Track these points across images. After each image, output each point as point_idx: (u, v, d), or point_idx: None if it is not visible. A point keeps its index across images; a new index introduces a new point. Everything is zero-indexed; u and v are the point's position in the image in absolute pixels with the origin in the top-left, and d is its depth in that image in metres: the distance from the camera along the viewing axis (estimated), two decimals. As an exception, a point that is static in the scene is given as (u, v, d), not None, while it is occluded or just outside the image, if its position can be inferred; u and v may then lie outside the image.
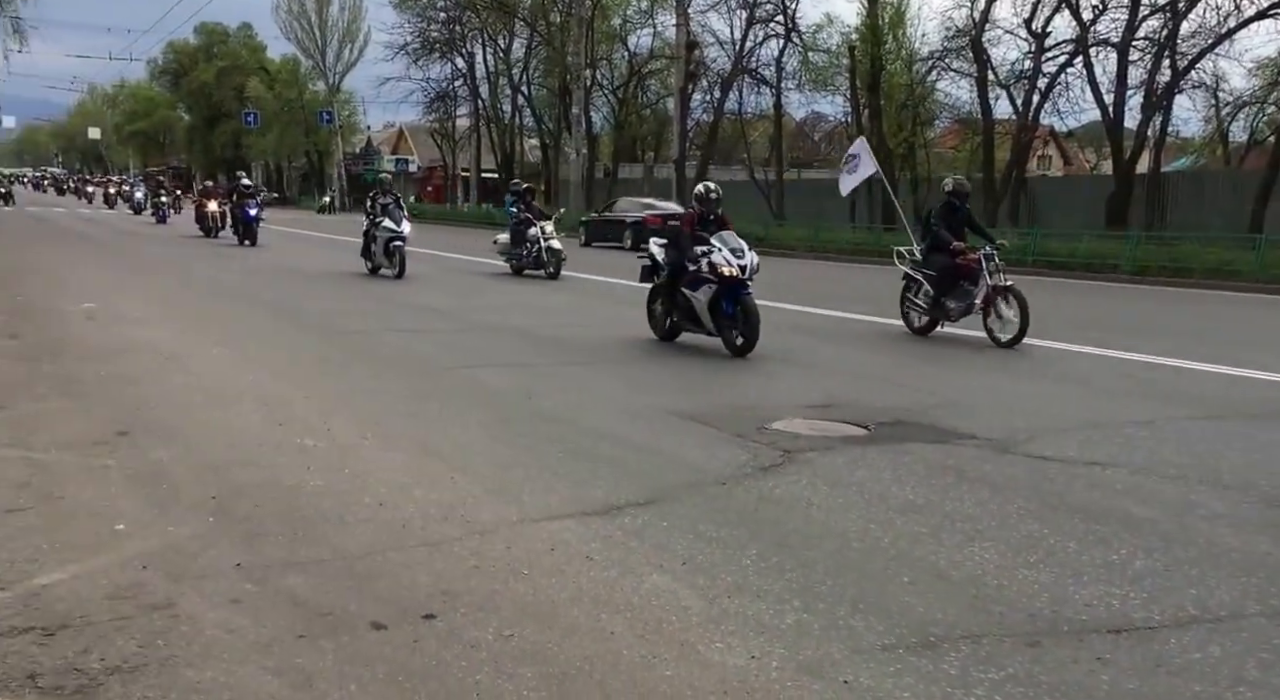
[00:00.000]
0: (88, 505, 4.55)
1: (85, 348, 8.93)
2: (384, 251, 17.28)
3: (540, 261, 17.98)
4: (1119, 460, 5.79)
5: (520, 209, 18.66)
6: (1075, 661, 3.26)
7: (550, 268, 17.87)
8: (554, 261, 17.92)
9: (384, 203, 17.82)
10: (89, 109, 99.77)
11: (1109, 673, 3.19)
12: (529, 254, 18.19)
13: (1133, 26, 26.63)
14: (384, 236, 17.25)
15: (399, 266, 17.05)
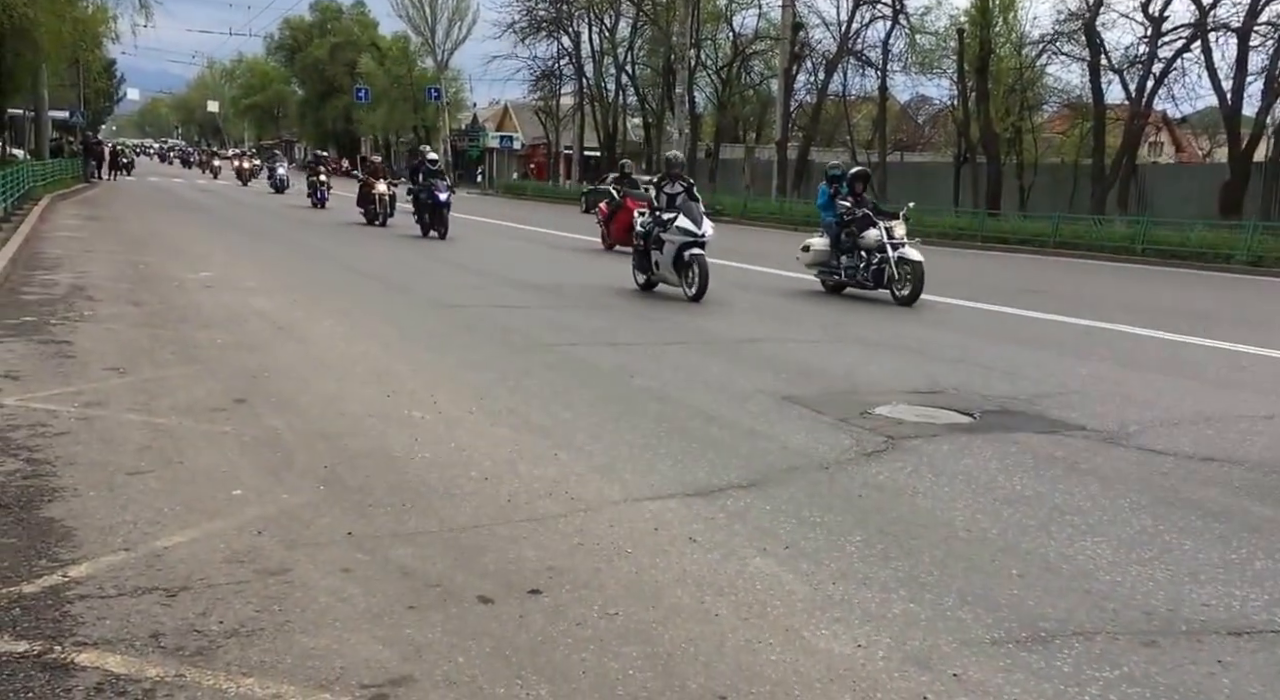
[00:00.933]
0: (206, 470, 4.73)
1: (205, 319, 9.27)
2: (674, 262, 11.94)
3: (883, 276, 12.50)
4: (1235, 456, 5.58)
5: (850, 201, 13.11)
6: (1194, 663, 3.16)
7: (900, 288, 12.28)
8: (909, 278, 12.23)
9: (670, 192, 12.59)
10: (207, 82, 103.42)
11: (1230, 676, 3.09)
12: (865, 267, 12.72)
13: (1255, 11, 25.62)
14: (676, 242, 11.85)
15: (698, 285, 11.64)
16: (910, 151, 45.23)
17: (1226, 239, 21.35)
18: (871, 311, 11.64)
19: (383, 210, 23.29)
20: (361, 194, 24.22)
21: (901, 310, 11.86)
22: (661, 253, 12.07)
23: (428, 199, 20.21)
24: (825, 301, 12.57)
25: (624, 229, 17.08)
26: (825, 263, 13.39)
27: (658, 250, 12.17)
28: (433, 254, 17.39)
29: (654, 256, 12.27)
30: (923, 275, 12.12)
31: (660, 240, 12.09)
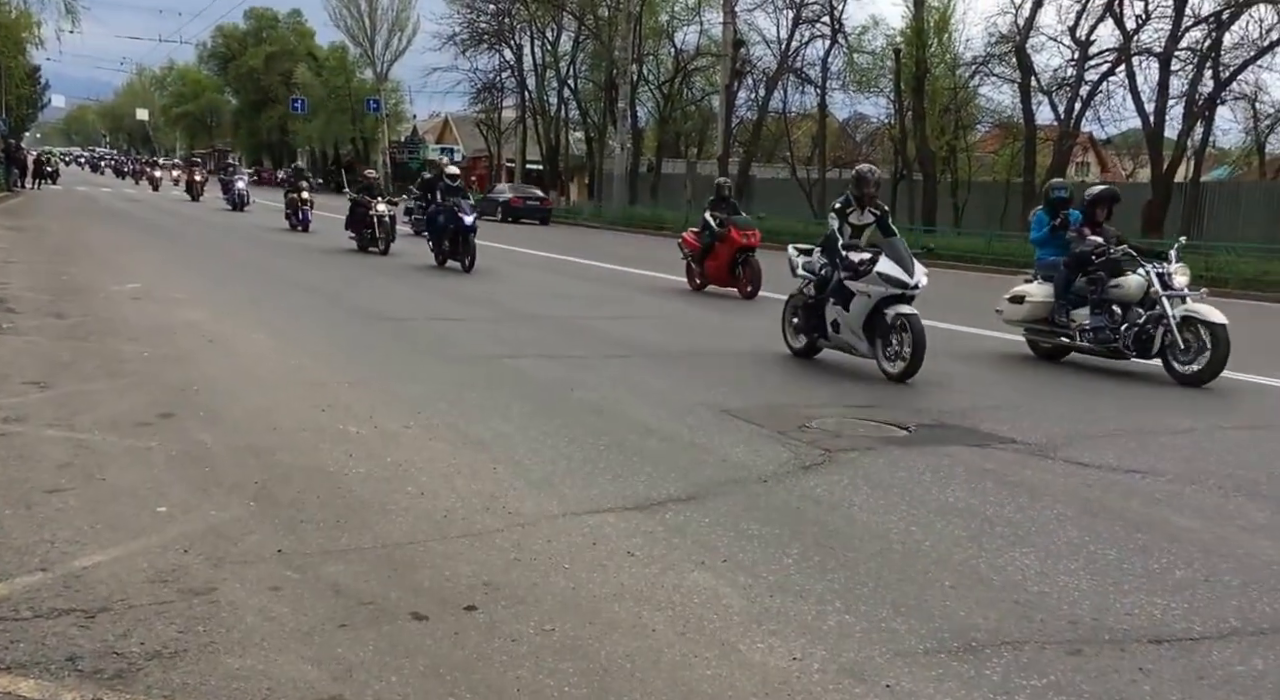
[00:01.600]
0: (130, 487, 4.60)
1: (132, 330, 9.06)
2: (866, 323, 8.42)
3: (1152, 342, 8.86)
4: (1157, 468, 5.73)
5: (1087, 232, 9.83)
6: (1117, 671, 3.23)
7: (1185, 360, 8.63)
8: (1202, 347, 8.54)
9: (859, 222, 9.13)
10: (137, 90, 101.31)
11: (1151, 683, 3.16)
12: (1121, 327, 9.06)
13: (1176, 37, 26.52)
14: (874, 294, 8.29)
15: (908, 360, 8.08)
16: (849, 168, 45.75)
17: (1149, 257, 21.97)
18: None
19: (383, 235, 19.21)
20: (354, 215, 20.08)
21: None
22: (847, 309, 8.45)
23: (448, 222, 16.61)
24: (766, 313, 12.64)
25: (725, 267, 14.55)
26: (1045, 319, 9.82)
27: (839, 304, 8.55)
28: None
29: (831, 313, 8.65)
30: (1227, 344, 8.35)
31: (845, 291, 8.48)
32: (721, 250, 14.59)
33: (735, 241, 14.33)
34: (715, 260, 14.73)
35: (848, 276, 8.50)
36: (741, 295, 14.27)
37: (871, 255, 8.41)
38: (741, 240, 14.30)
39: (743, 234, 14.33)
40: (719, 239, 14.60)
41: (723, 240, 14.54)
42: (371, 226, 19.50)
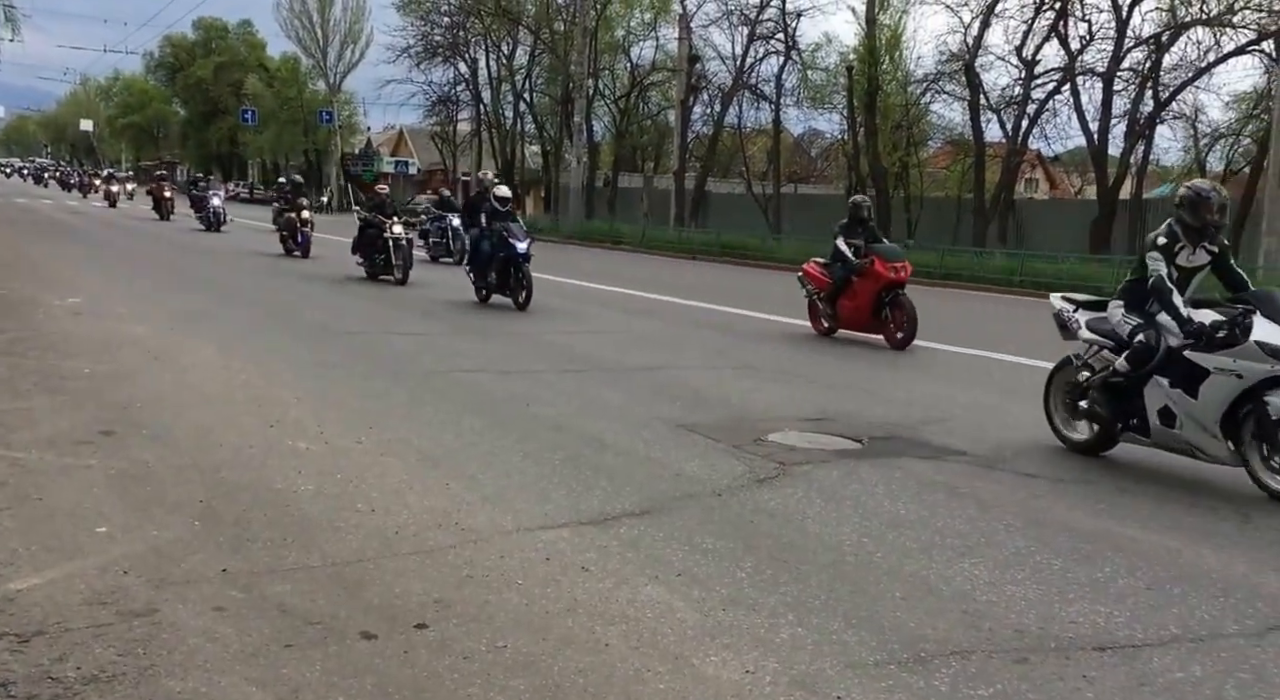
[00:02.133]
0: (68, 507, 4.50)
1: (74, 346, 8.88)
2: (1225, 417, 5.67)
3: None
4: (1103, 479, 5.85)
5: None
6: (1062, 679, 3.27)
7: None
8: None
9: (1192, 263, 6.34)
10: (81, 100, 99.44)
11: (1094, 690, 3.21)
12: None
13: (1118, 58, 27.27)
14: (1245, 374, 5.55)
15: None
16: (803, 183, 46.28)
17: (1096, 272, 22.37)
18: (761, 340, 11.80)
19: (400, 262, 16.46)
20: (363, 237, 17.45)
21: (797, 335, 12.03)
22: (1193, 394, 5.77)
23: (497, 250, 13.85)
24: (713, 328, 12.69)
25: (868, 308, 11.60)
26: None
27: (1178, 386, 5.87)
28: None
29: (1158, 398, 6.01)
30: None
31: (1188, 367, 5.83)
32: (862, 287, 11.61)
33: (881, 276, 11.43)
34: (853, 300, 11.72)
35: (1190, 345, 5.83)
36: (890, 343, 11.38)
37: (1233, 316, 5.74)
38: (889, 275, 11.40)
39: (890, 267, 11.46)
40: (858, 273, 11.64)
41: (863, 274, 11.58)
42: (385, 251, 16.66)
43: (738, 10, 36.31)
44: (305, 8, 57.58)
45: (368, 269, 17.30)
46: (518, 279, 13.63)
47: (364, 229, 17.38)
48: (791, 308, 14.76)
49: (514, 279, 13.71)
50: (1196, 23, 26.43)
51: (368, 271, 17.27)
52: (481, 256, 14.28)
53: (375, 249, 16.81)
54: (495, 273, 14.02)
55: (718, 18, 37.39)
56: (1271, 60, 25.24)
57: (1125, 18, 26.85)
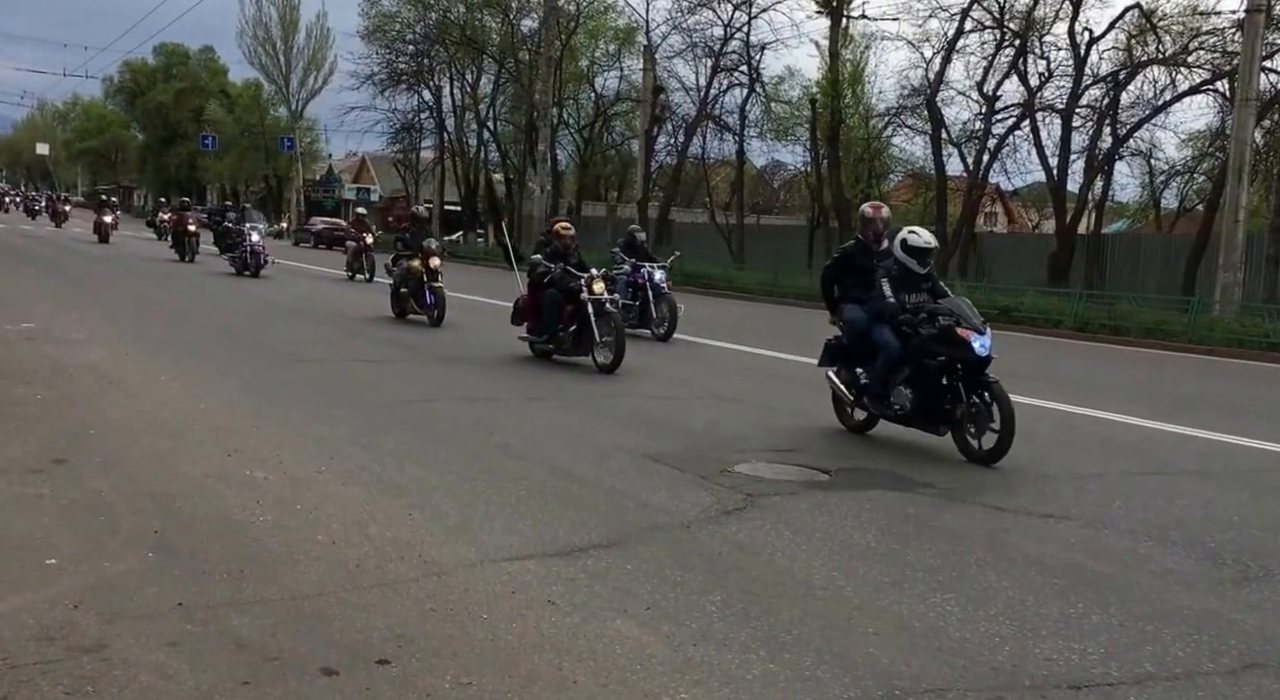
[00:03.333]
0: (17, 538, 4.34)
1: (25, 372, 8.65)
2: None
3: None
4: (1070, 513, 5.82)
5: None
6: (1040, 719, 3.21)
7: None
8: None
9: None
10: (37, 124, 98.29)
11: (1075, 731, 3.15)
12: None
13: (1076, 95, 27.78)
14: None
15: None
16: (766, 214, 46.64)
17: (1055, 305, 22.68)
18: (725, 369, 11.78)
19: (611, 339, 10.83)
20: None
21: (761, 365, 12.03)
22: None
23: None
24: (681, 356, 12.66)
25: None
26: None
27: None
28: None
29: None
30: None
31: None
32: None
33: None
34: None
35: None
36: None
37: None
38: None
39: None
40: None
41: None
42: (580, 322, 11.12)
43: (702, 43, 36.68)
44: (269, 35, 57.69)
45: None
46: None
47: (540, 286, 11.55)
48: (753, 336, 14.79)
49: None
50: (1153, 62, 27.06)
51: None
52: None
53: (560, 318, 11.21)
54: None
55: (682, 49, 37.65)
56: (1225, 100, 25.84)
57: (1083, 56, 27.39)
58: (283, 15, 57.74)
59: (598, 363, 10.87)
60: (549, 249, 11.72)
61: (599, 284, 11.15)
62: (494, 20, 45.01)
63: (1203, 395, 12.48)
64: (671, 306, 14.25)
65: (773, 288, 27.80)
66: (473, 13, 44.94)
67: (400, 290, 15.05)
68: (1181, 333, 19.43)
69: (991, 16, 29.01)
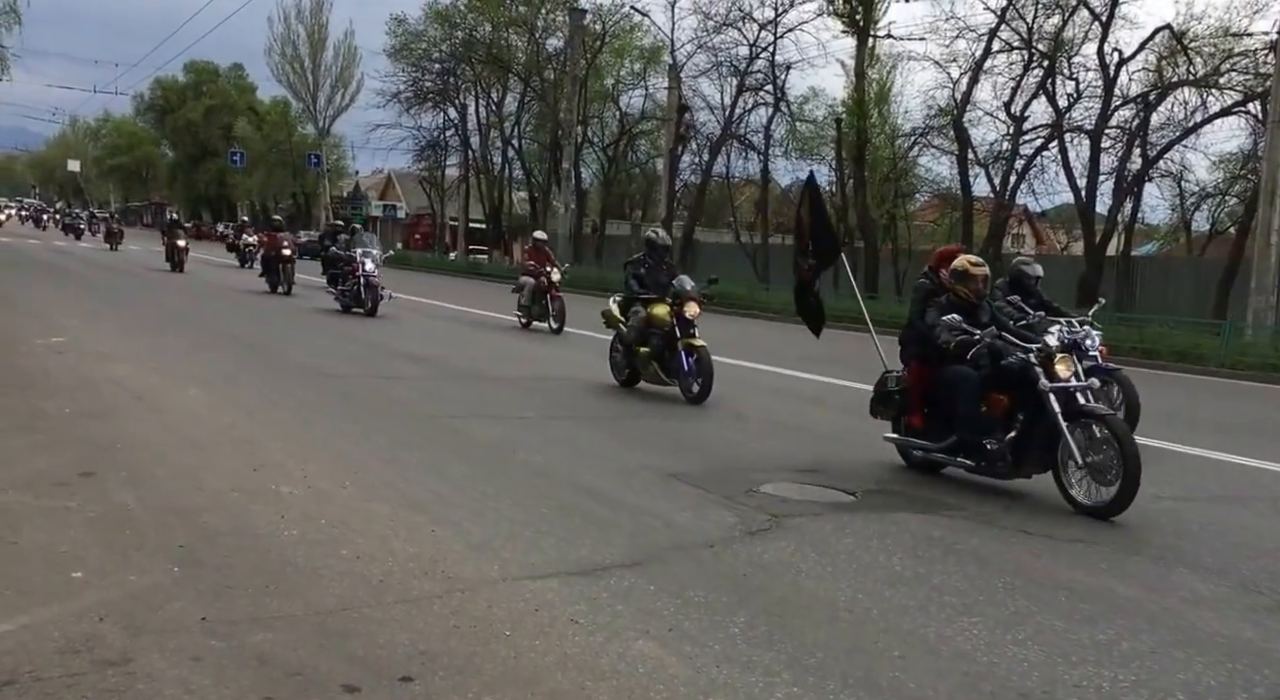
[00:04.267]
0: (44, 550, 4.36)
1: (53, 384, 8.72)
2: None
3: None
4: (1100, 537, 5.74)
5: None
6: (1071, 747, 3.16)
7: None
8: None
9: None
10: (69, 141, 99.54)
11: (1106, 760, 3.09)
12: None
13: (1105, 116, 27.54)
14: None
15: None
16: (791, 234, 46.57)
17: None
18: (748, 388, 11.74)
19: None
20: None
21: (785, 385, 11.98)
22: None
23: None
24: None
25: None
26: None
27: None
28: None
29: None
30: None
31: None
32: None
33: None
34: None
35: None
36: None
37: None
38: None
39: None
40: None
41: None
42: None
43: (728, 62, 36.72)
44: (297, 53, 58.15)
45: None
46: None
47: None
48: (778, 356, 14.75)
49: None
50: (1183, 83, 26.83)
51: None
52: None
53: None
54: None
55: (708, 68, 37.69)
56: (1258, 121, 25.60)
57: (1113, 77, 27.19)
58: (311, 33, 58.26)
59: None
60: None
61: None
62: (520, 39, 45.28)
63: (1236, 420, 12.32)
64: None
65: (787, 311, 27.75)
66: (499, 32, 45.26)
67: (635, 349, 10.75)
68: (1213, 356, 19.21)
69: (1020, 37, 28.90)
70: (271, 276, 22.92)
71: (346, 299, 18.47)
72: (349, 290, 18.38)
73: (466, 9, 45.45)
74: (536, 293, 17.04)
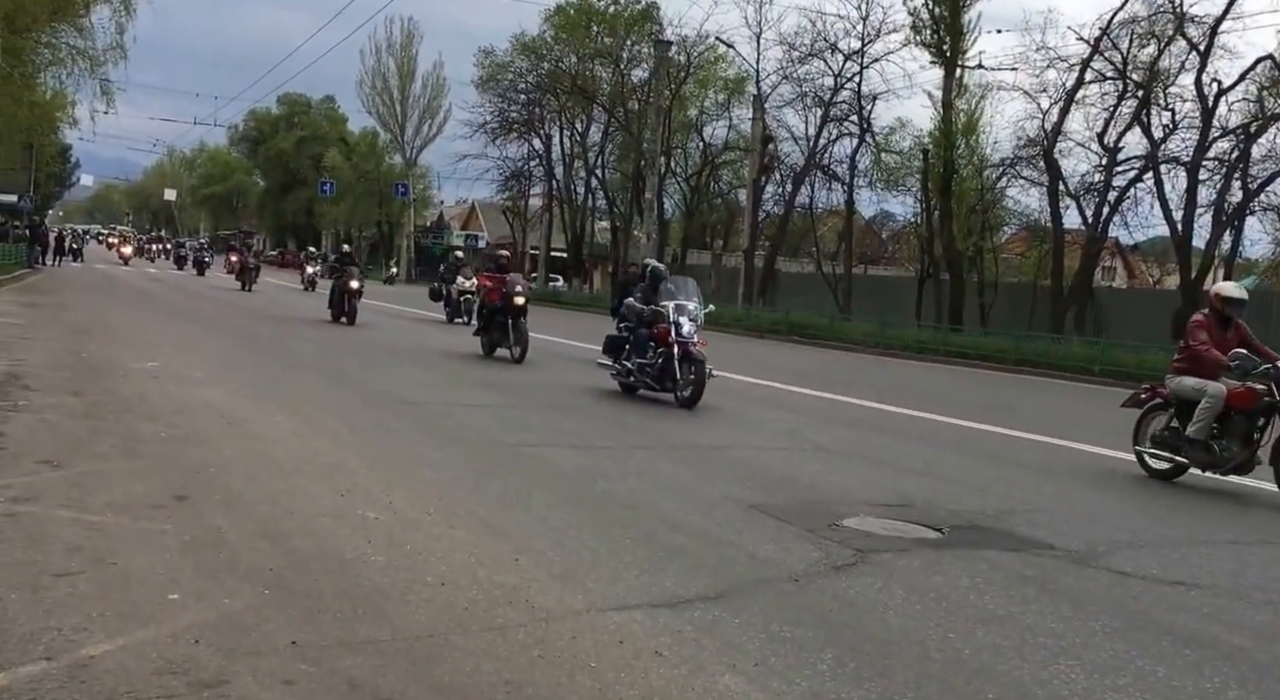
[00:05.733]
0: (141, 572, 4.46)
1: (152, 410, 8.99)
2: None
3: None
4: (1203, 581, 5.51)
5: None
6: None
7: None
8: None
9: None
10: (166, 170, 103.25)
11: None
12: None
13: (1203, 147, 26.72)
14: None
15: None
16: (874, 265, 46.18)
17: (1180, 363, 21.86)
18: (831, 421, 11.60)
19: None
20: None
21: (867, 418, 11.81)
22: None
23: None
24: (784, 406, 12.51)
25: None
26: None
27: None
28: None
29: None
30: None
31: None
32: None
33: None
34: None
35: None
36: None
37: None
38: None
39: None
40: None
41: None
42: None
43: (812, 92, 36.69)
44: (386, 85, 59.71)
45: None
46: None
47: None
48: (859, 388, 14.56)
49: None
50: (1286, 115, 25.99)
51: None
52: None
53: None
54: None
55: (792, 99, 37.70)
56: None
57: (1211, 108, 26.44)
58: (400, 66, 59.79)
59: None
60: None
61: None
62: (605, 70, 45.87)
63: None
64: None
65: (879, 339, 27.41)
66: (584, 63, 45.92)
67: None
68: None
69: (1113, 67, 28.33)
70: (487, 340, 16.32)
71: (641, 377, 12.12)
72: (649, 365, 11.97)
73: (553, 40, 46.29)
74: None
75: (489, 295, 15.96)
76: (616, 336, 12.66)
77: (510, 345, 15.21)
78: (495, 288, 15.72)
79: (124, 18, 26.95)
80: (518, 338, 15.15)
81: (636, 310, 12.05)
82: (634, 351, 12.04)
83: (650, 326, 11.76)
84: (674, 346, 11.41)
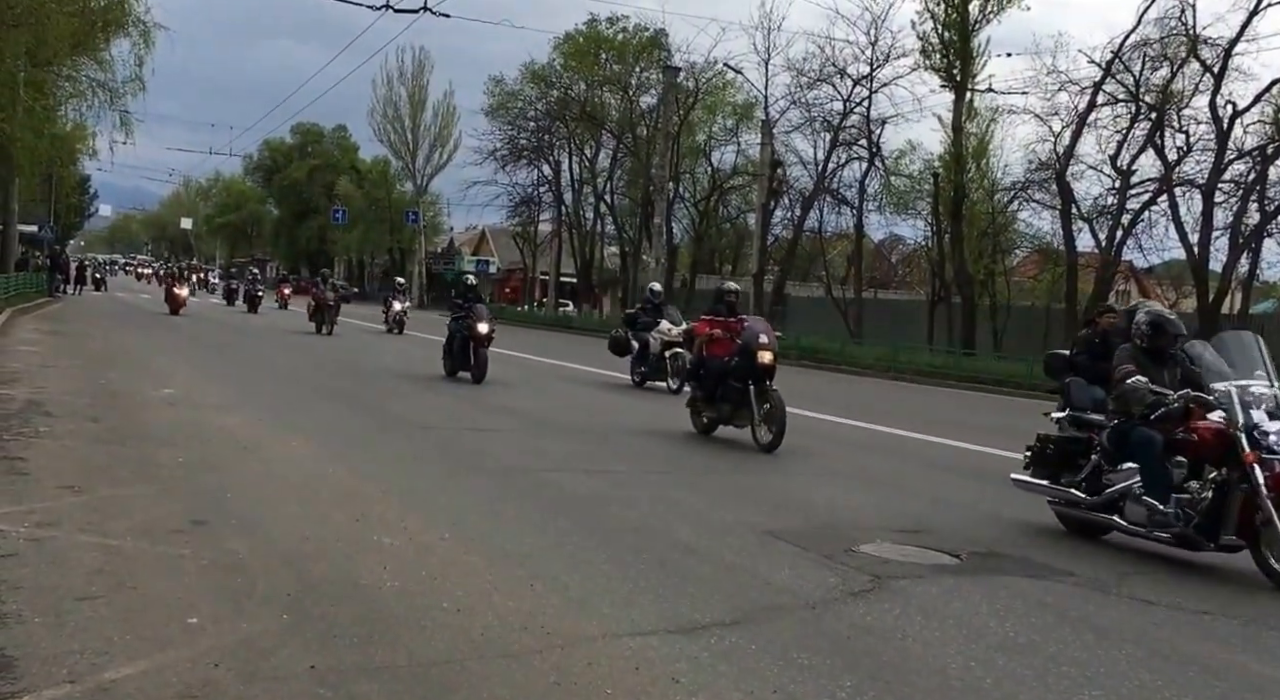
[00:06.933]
0: (161, 596, 4.48)
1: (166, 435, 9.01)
2: None
3: None
4: (1227, 610, 5.45)
5: None
6: None
7: None
8: None
9: None
10: (182, 200, 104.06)
11: None
12: None
13: (1219, 169, 26.48)
14: None
15: None
16: (884, 289, 46.13)
17: (1200, 386, 21.75)
18: (844, 445, 11.56)
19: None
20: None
21: (880, 443, 11.77)
22: None
23: None
24: (797, 431, 12.43)
25: None
26: None
27: None
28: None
29: None
30: None
31: None
32: None
33: None
34: None
35: None
36: None
37: None
38: None
39: None
40: None
41: None
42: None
43: (821, 117, 36.72)
44: (398, 113, 60.12)
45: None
46: None
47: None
48: (871, 413, 14.51)
49: None
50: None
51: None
52: None
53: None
54: None
55: (801, 124, 37.69)
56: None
57: (1226, 130, 26.27)
58: (412, 94, 60.21)
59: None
60: None
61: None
62: (613, 97, 46.15)
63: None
64: None
65: (891, 363, 27.30)
66: (593, 90, 46.21)
67: None
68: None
69: (1126, 90, 28.20)
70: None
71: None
72: None
73: (562, 68, 46.60)
74: None
75: (713, 347, 11.42)
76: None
77: (755, 424, 10.45)
78: (726, 339, 11.24)
79: (143, 50, 27.26)
80: (767, 414, 10.29)
81: None
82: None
83: None
84: None
